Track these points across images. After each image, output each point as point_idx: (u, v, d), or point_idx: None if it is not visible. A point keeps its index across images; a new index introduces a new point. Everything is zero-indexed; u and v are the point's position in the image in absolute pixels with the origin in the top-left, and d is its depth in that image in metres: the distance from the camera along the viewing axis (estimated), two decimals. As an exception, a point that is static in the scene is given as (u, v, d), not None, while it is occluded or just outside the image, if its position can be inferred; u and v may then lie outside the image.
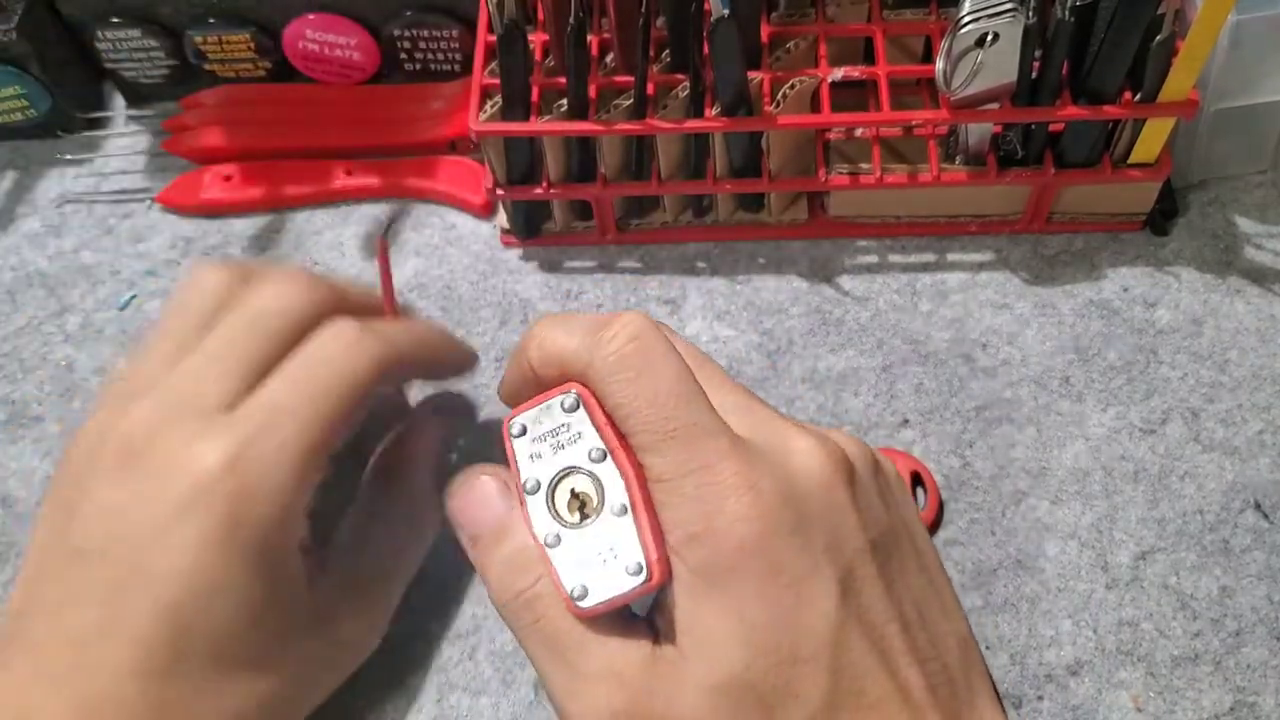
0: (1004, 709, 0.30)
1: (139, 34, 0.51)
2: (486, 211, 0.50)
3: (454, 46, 0.52)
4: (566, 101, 0.43)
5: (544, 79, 0.44)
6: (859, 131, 0.47)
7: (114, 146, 0.54)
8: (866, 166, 0.45)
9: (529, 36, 0.43)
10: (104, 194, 0.53)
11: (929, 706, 0.27)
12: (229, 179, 0.51)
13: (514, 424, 0.31)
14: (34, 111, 0.53)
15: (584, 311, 0.47)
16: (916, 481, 0.42)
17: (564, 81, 0.42)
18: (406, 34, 0.51)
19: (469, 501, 0.32)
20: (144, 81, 0.54)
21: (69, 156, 0.54)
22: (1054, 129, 0.44)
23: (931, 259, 0.48)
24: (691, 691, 0.27)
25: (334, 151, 0.52)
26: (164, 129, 0.53)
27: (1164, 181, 0.46)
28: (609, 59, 0.45)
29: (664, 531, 0.28)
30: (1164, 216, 0.48)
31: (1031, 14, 0.39)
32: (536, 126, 0.43)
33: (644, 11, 0.39)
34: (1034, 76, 0.42)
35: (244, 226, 0.51)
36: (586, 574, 0.28)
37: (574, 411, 0.30)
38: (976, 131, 0.44)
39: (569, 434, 0.30)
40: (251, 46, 0.52)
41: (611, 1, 0.42)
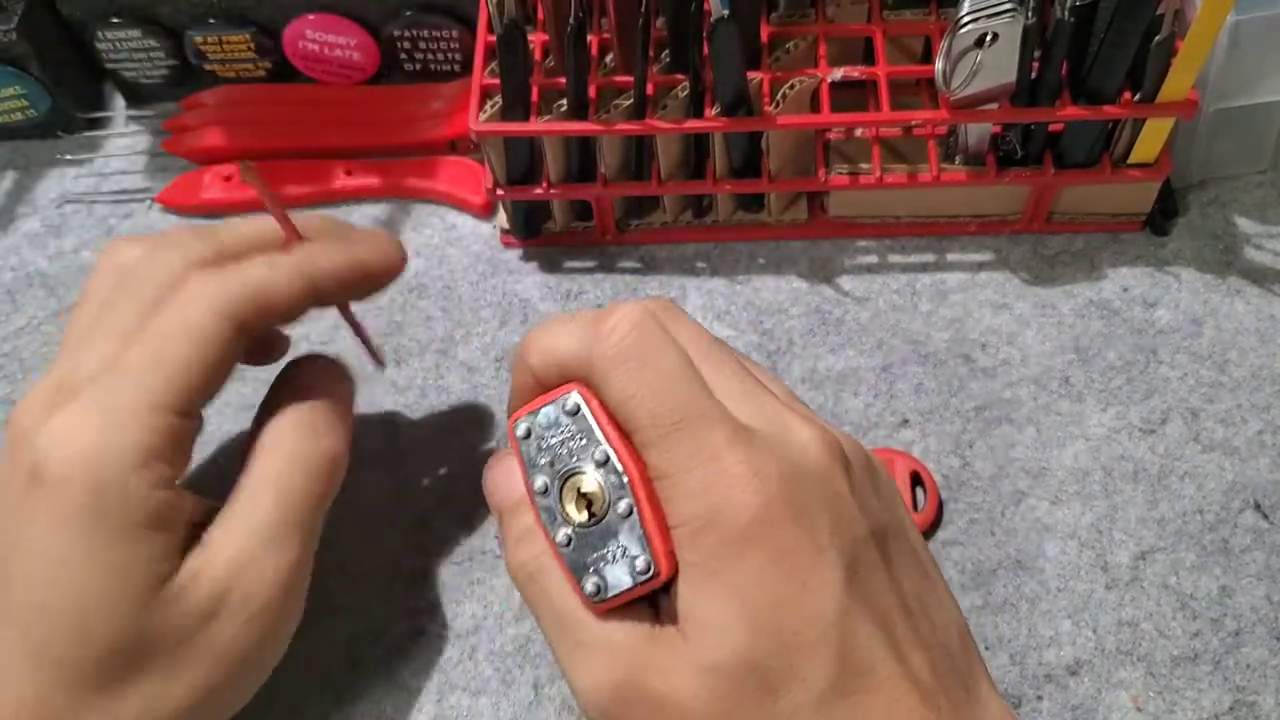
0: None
1: (139, 34, 0.51)
2: (486, 211, 0.50)
3: (454, 46, 0.52)
4: (566, 101, 0.43)
5: (544, 79, 0.44)
6: (859, 131, 0.47)
7: (114, 147, 0.54)
8: (866, 166, 0.46)
9: (529, 36, 0.43)
10: (104, 194, 0.53)
11: (936, 691, 0.28)
12: (229, 179, 0.51)
13: (518, 426, 0.31)
14: (34, 111, 0.53)
15: (585, 311, 0.47)
16: (916, 481, 0.42)
17: (564, 81, 0.42)
18: (406, 34, 0.51)
19: (496, 475, 0.33)
20: (144, 82, 0.54)
21: (69, 157, 0.54)
22: (1053, 129, 0.44)
23: (931, 259, 0.48)
24: (691, 670, 0.28)
25: (334, 152, 0.52)
26: (164, 129, 0.53)
27: (1163, 181, 0.46)
28: (609, 59, 0.45)
29: (670, 526, 0.29)
30: (1164, 216, 0.48)
31: (1031, 14, 0.39)
32: (536, 126, 0.43)
33: (644, 11, 0.39)
34: (1033, 76, 0.42)
35: (244, 226, 0.51)
36: (597, 571, 0.29)
37: (576, 413, 0.30)
38: (976, 131, 0.44)
39: (572, 435, 0.30)
40: (252, 47, 0.52)
41: (611, 1, 0.42)
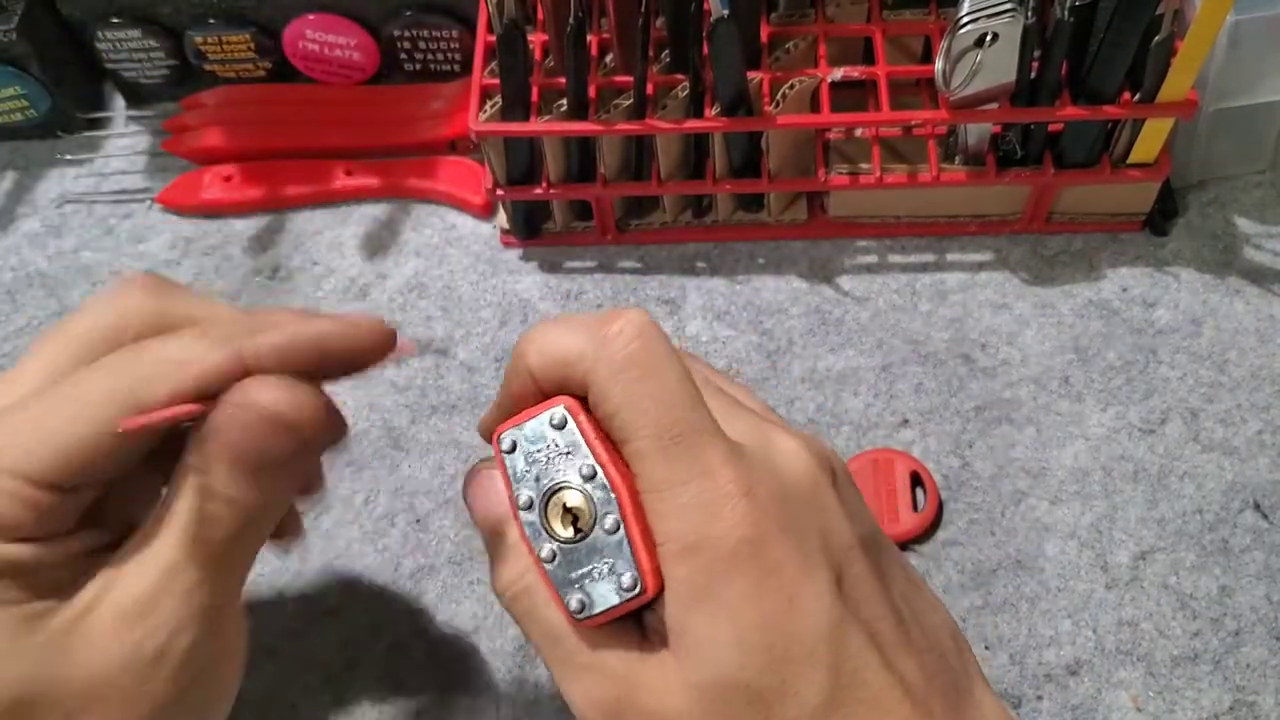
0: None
1: (139, 34, 0.51)
2: (486, 211, 0.50)
3: (454, 46, 0.52)
4: (566, 101, 0.43)
5: (544, 79, 0.44)
6: (858, 131, 0.47)
7: (114, 147, 0.54)
8: (866, 166, 0.46)
9: (529, 36, 0.43)
10: (104, 194, 0.53)
11: (930, 696, 0.28)
12: (229, 179, 0.51)
13: (503, 439, 0.31)
14: (34, 112, 0.53)
15: (584, 311, 0.47)
16: (916, 481, 0.42)
17: (564, 81, 0.42)
18: (406, 34, 0.51)
19: (477, 491, 0.32)
20: (144, 82, 0.54)
21: (69, 157, 0.54)
22: (1053, 129, 0.44)
23: (931, 259, 0.48)
24: (681, 689, 0.27)
25: (334, 152, 0.52)
26: (164, 129, 0.53)
27: (1163, 182, 0.46)
28: (609, 59, 0.45)
29: (658, 543, 0.28)
30: (1163, 216, 0.48)
31: (1031, 14, 0.39)
32: (536, 126, 0.43)
33: (644, 11, 0.39)
34: (1033, 76, 0.42)
35: (244, 227, 0.51)
36: (582, 588, 0.29)
37: (563, 427, 0.30)
38: (976, 131, 0.44)
39: (559, 449, 0.30)
40: (252, 47, 0.52)
41: (611, 1, 0.42)
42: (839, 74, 0.45)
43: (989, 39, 0.39)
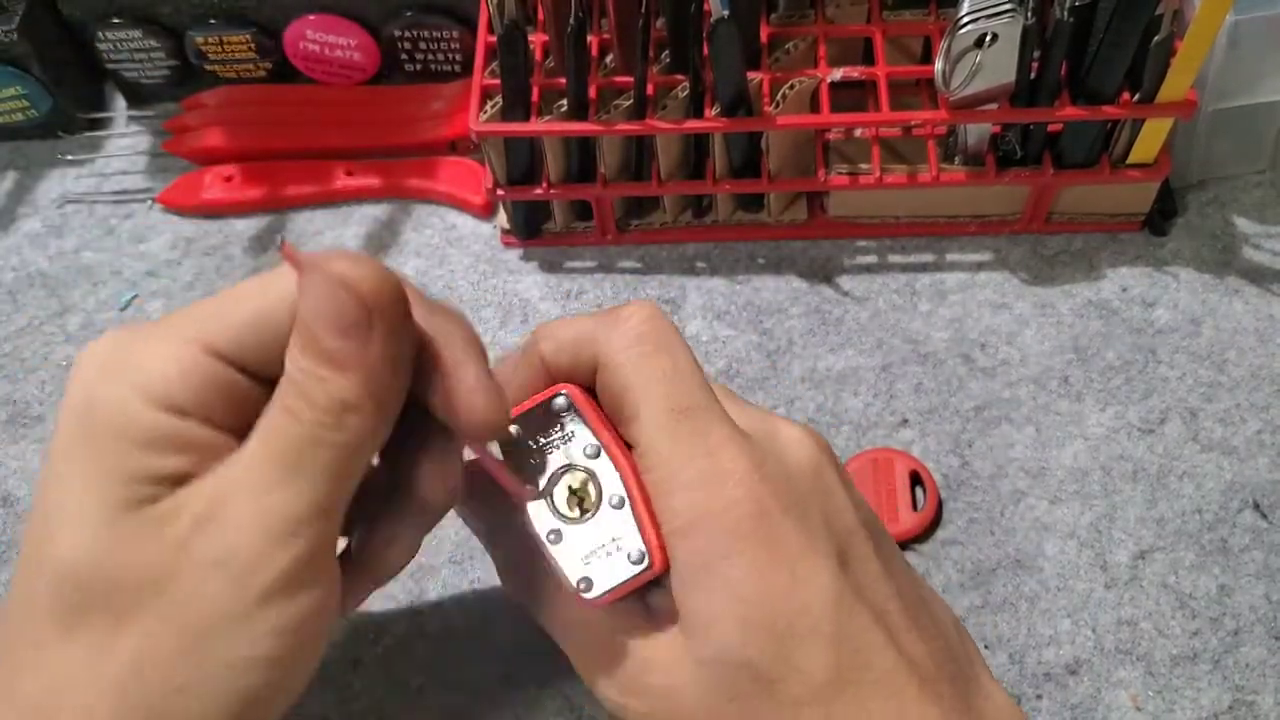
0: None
1: (140, 34, 0.51)
2: (486, 212, 0.50)
3: (454, 47, 0.52)
4: (566, 102, 0.43)
5: (544, 79, 0.45)
6: (858, 132, 0.47)
7: (115, 147, 0.54)
8: (866, 167, 0.46)
9: (529, 37, 0.43)
10: (105, 194, 0.53)
11: (939, 680, 0.28)
12: (230, 179, 0.51)
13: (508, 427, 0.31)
14: (35, 112, 0.53)
15: (584, 312, 0.48)
16: (916, 481, 0.42)
17: (564, 82, 0.42)
18: (407, 34, 0.51)
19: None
20: (145, 82, 0.54)
21: (70, 157, 0.54)
22: (1053, 129, 0.44)
23: (930, 259, 0.48)
24: (688, 665, 0.28)
25: (334, 152, 0.52)
26: (165, 129, 0.53)
27: (1162, 182, 0.46)
28: (609, 59, 0.45)
29: (662, 521, 0.29)
30: (1163, 216, 0.48)
31: (1030, 14, 0.39)
32: (536, 126, 0.43)
33: (644, 12, 0.39)
34: (1033, 77, 0.42)
35: (245, 227, 0.51)
36: (590, 567, 0.29)
37: (565, 411, 0.31)
38: (975, 132, 0.44)
39: (562, 433, 0.31)
40: (252, 47, 0.52)
41: (611, 2, 0.42)
42: (839, 74, 0.45)
43: (989, 39, 0.39)
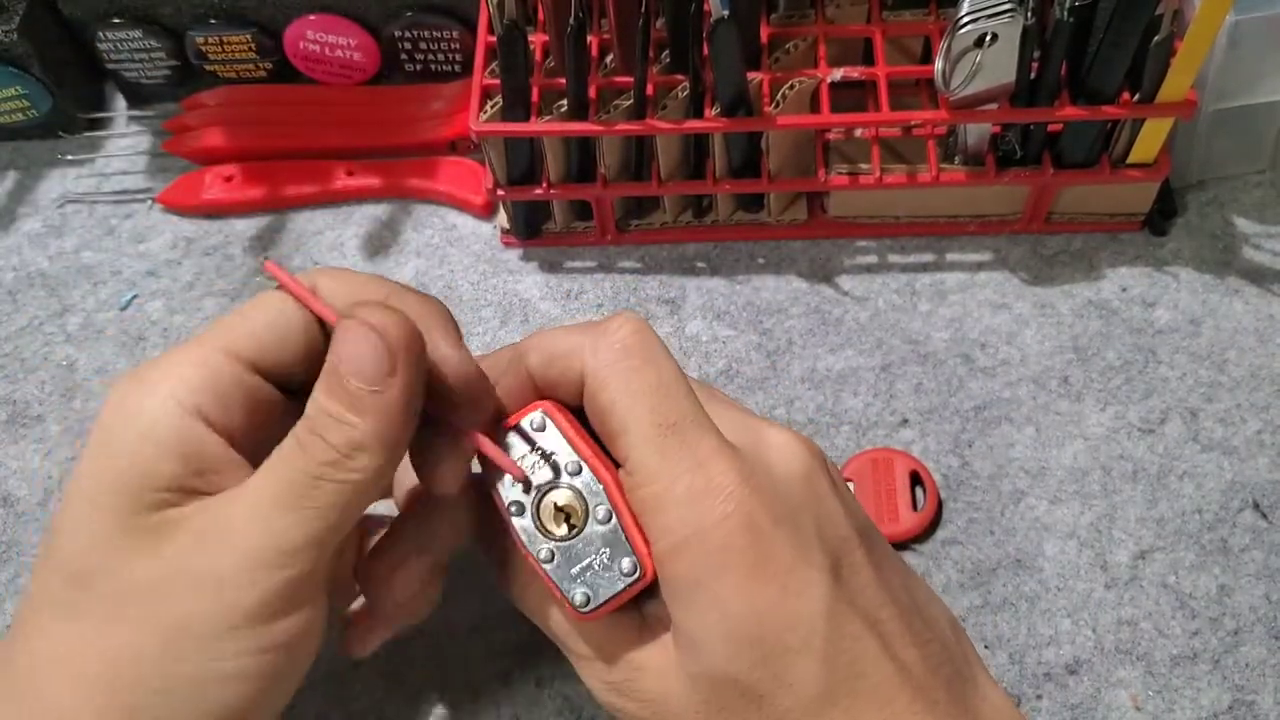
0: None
1: (140, 34, 0.51)
2: (486, 212, 0.50)
3: (454, 47, 0.52)
4: (566, 102, 0.43)
5: (544, 79, 0.45)
6: (858, 132, 0.47)
7: (115, 147, 0.54)
8: (866, 167, 0.46)
9: (529, 37, 0.43)
10: (105, 194, 0.53)
11: (933, 686, 0.28)
12: (230, 179, 0.51)
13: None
14: (35, 112, 0.53)
15: (584, 312, 0.48)
16: (916, 481, 0.42)
17: (564, 82, 0.42)
18: (407, 34, 0.51)
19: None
20: (145, 82, 0.54)
21: (70, 157, 0.54)
22: (1053, 129, 0.44)
23: (930, 259, 0.48)
24: (679, 675, 0.28)
25: (335, 152, 0.52)
26: (165, 129, 0.53)
27: (1162, 181, 0.46)
28: (609, 59, 0.45)
29: (654, 538, 0.29)
30: (1162, 216, 0.48)
31: (1030, 14, 0.39)
32: (536, 126, 0.43)
33: (644, 12, 0.39)
34: (1033, 77, 0.42)
35: (245, 227, 0.51)
36: (583, 581, 0.30)
37: (543, 430, 0.31)
38: (975, 132, 0.44)
39: (543, 452, 0.30)
40: (252, 47, 0.52)
41: (611, 2, 0.42)
42: (839, 74, 0.45)
43: (989, 39, 0.39)
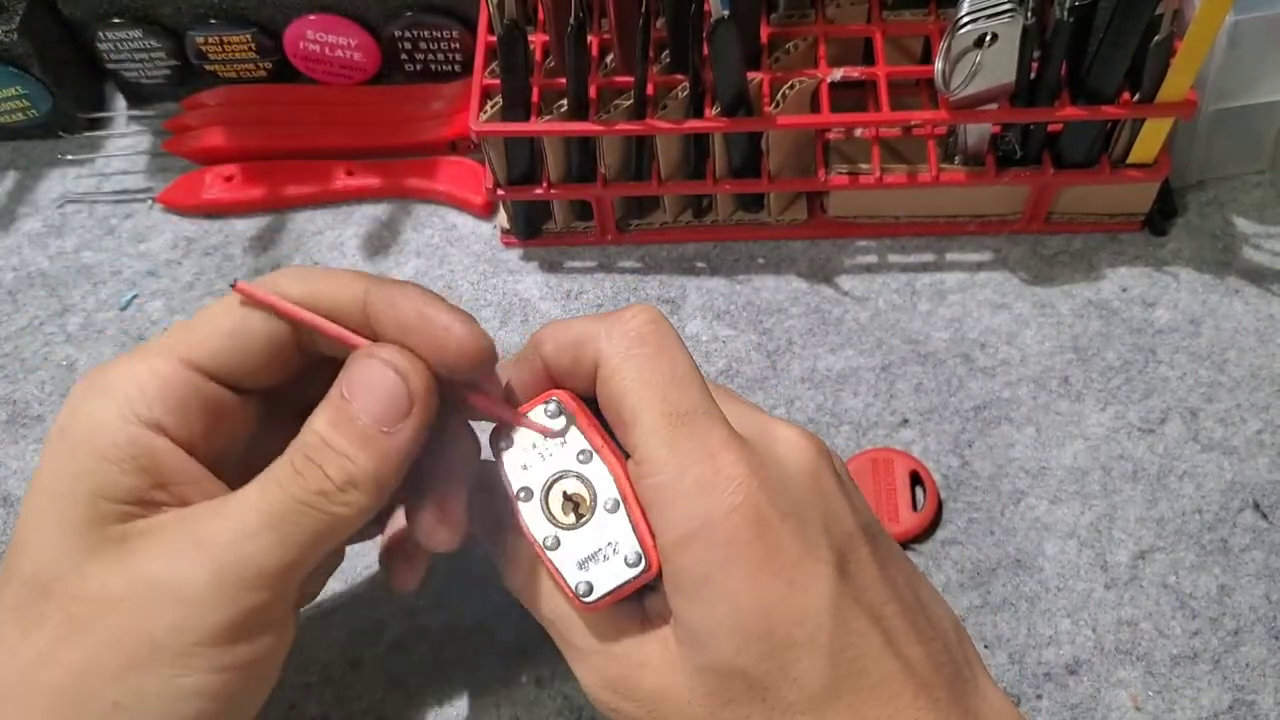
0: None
1: (140, 34, 0.51)
2: (486, 211, 0.50)
3: (454, 47, 0.52)
4: (566, 101, 0.43)
5: (544, 79, 0.45)
6: (858, 132, 0.47)
7: (115, 147, 0.54)
8: (866, 167, 0.46)
9: (529, 37, 0.43)
10: (105, 194, 0.53)
11: (935, 684, 0.28)
12: (230, 179, 0.51)
13: (500, 436, 0.31)
14: (35, 112, 0.53)
15: (584, 312, 0.48)
16: (916, 481, 0.42)
17: (564, 81, 0.42)
18: (407, 34, 0.51)
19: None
20: (145, 82, 0.54)
21: (70, 157, 0.54)
22: (1053, 129, 0.44)
23: (930, 259, 0.48)
24: (682, 670, 0.28)
25: (335, 152, 0.52)
26: (165, 129, 0.53)
27: (1162, 182, 0.46)
28: (609, 59, 0.45)
29: (661, 529, 0.29)
30: (1162, 216, 0.48)
31: (1030, 14, 0.39)
32: (536, 126, 0.43)
33: (644, 12, 0.39)
34: (1033, 77, 0.42)
35: (245, 227, 0.51)
36: (588, 571, 0.30)
37: (556, 417, 0.30)
38: (975, 132, 0.44)
39: (555, 439, 0.30)
40: (252, 47, 0.52)
41: (611, 2, 0.42)
42: (839, 74, 0.45)
43: (989, 39, 0.39)
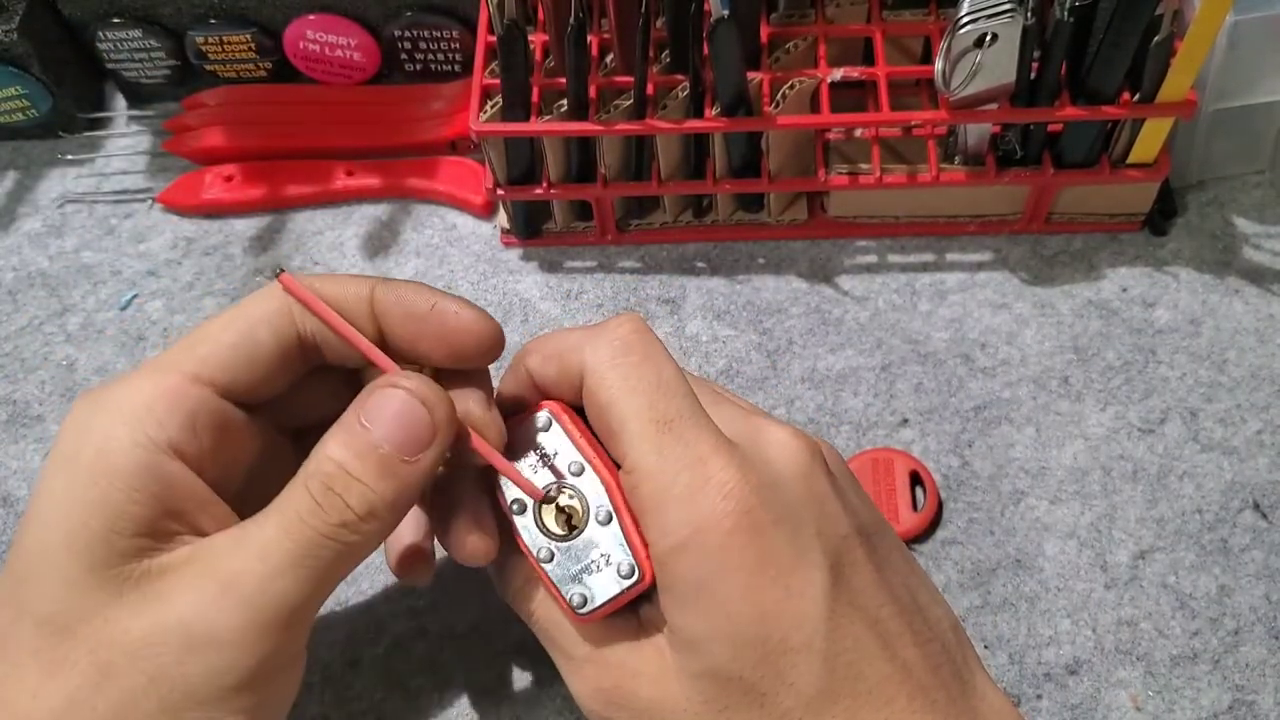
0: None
1: (140, 34, 0.51)
2: (487, 211, 0.50)
3: (454, 47, 0.52)
4: (566, 101, 0.43)
5: (544, 79, 0.45)
6: (858, 132, 0.47)
7: (115, 147, 0.54)
8: (866, 167, 0.46)
9: (529, 37, 0.43)
10: (105, 194, 0.53)
11: (933, 686, 0.28)
12: (230, 179, 0.51)
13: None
14: (35, 112, 0.53)
15: (584, 311, 0.48)
16: (916, 481, 0.42)
17: (564, 81, 0.42)
18: (407, 34, 0.51)
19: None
20: (145, 82, 0.54)
21: (70, 156, 0.54)
22: (1053, 129, 0.44)
23: (930, 259, 0.48)
24: (677, 678, 0.28)
25: (335, 152, 0.52)
26: (165, 129, 0.53)
27: (1162, 182, 0.46)
28: (609, 59, 0.45)
29: (654, 538, 0.29)
30: (1162, 216, 0.48)
31: (1030, 14, 0.39)
32: (536, 126, 0.43)
33: (644, 12, 0.39)
34: (1033, 77, 0.42)
35: (245, 227, 0.51)
36: (582, 583, 0.30)
37: (548, 430, 0.31)
38: (975, 132, 0.44)
39: (546, 452, 0.30)
40: (252, 47, 0.52)
41: (611, 2, 0.42)
42: (839, 74, 0.45)
43: (989, 39, 0.39)
